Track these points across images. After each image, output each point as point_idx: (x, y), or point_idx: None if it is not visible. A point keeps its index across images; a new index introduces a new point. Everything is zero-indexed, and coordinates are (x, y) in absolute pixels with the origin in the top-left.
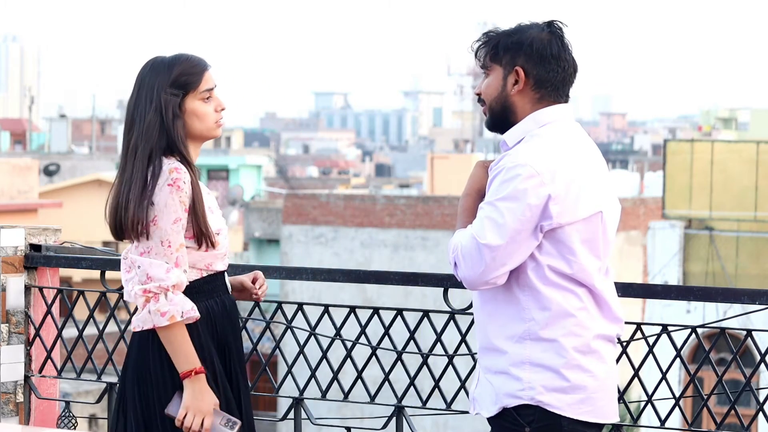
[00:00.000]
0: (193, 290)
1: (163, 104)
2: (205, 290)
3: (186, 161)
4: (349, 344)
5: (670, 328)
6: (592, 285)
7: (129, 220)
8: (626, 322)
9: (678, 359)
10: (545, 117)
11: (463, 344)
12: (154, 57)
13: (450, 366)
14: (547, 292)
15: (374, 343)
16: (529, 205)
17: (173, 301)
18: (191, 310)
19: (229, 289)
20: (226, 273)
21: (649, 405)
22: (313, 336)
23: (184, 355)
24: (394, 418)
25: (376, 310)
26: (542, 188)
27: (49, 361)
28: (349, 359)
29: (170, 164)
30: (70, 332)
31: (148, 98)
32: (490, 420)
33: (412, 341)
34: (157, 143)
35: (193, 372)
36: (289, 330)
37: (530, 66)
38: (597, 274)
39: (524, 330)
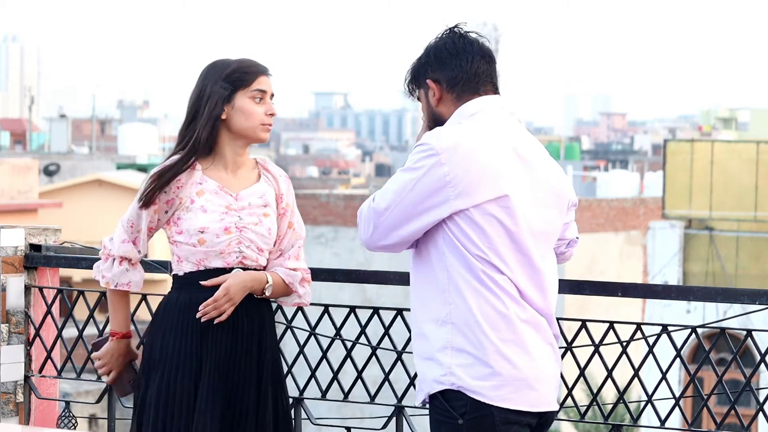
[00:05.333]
0: (185, 281)
1: (208, 95)
2: (198, 283)
3: (195, 149)
4: (349, 344)
5: (670, 328)
6: (510, 271)
7: None
8: (626, 322)
9: (678, 359)
10: (470, 109)
11: None
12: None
13: None
14: (466, 275)
15: (374, 343)
16: (420, 180)
17: (119, 271)
18: (126, 285)
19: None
20: (237, 271)
21: (649, 405)
22: (313, 336)
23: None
24: (394, 418)
25: (376, 310)
26: (438, 168)
27: (49, 361)
28: (349, 359)
29: (170, 160)
30: (70, 332)
31: (198, 90)
32: (429, 409)
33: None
34: (192, 135)
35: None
36: (289, 330)
37: (436, 74)
38: (515, 262)
39: (446, 313)
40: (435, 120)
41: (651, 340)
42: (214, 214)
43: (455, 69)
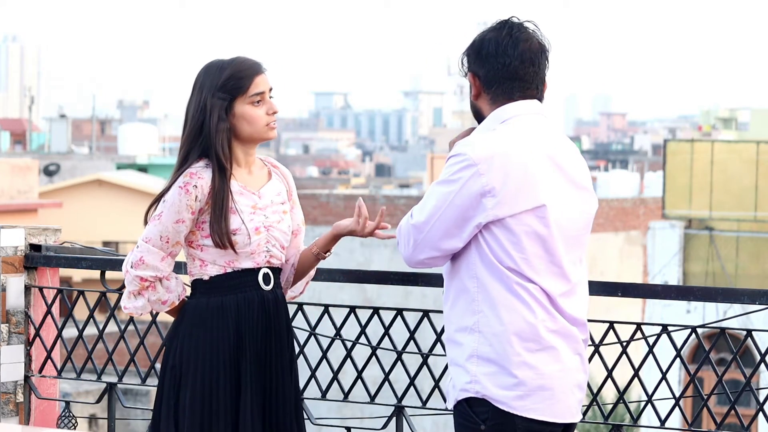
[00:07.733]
0: (213, 285)
1: (209, 108)
2: (227, 286)
3: (221, 165)
4: (349, 344)
5: (670, 328)
6: (541, 281)
7: (148, 208)
8: (626, 323)
9: (678, 359)
10: (504, 114)
11: None
12: (212, 60)
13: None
14: (496, 285)
15: (374, 343)
16: (459, 193)
17: (169, 288)
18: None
19: (263, 287)
20: (266, 270)
21: (649, 405)
22: (313, 336)
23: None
24: (394, 418)
25: (376, 310)
26: (477, 179)
27: (49, 361)
28: (349, 359)
29: (192, 168)
30: (70, 332)
31: (197, 101)
32: (454, 414)
33: (412, 341)
34: (197, 145)
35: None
36: None
37: (477, 68)
38: (547, 272)
39: (474, 322)
40: (475, 112)
41: (651, 340)
42: (243, 214)
43: (491, 70)
